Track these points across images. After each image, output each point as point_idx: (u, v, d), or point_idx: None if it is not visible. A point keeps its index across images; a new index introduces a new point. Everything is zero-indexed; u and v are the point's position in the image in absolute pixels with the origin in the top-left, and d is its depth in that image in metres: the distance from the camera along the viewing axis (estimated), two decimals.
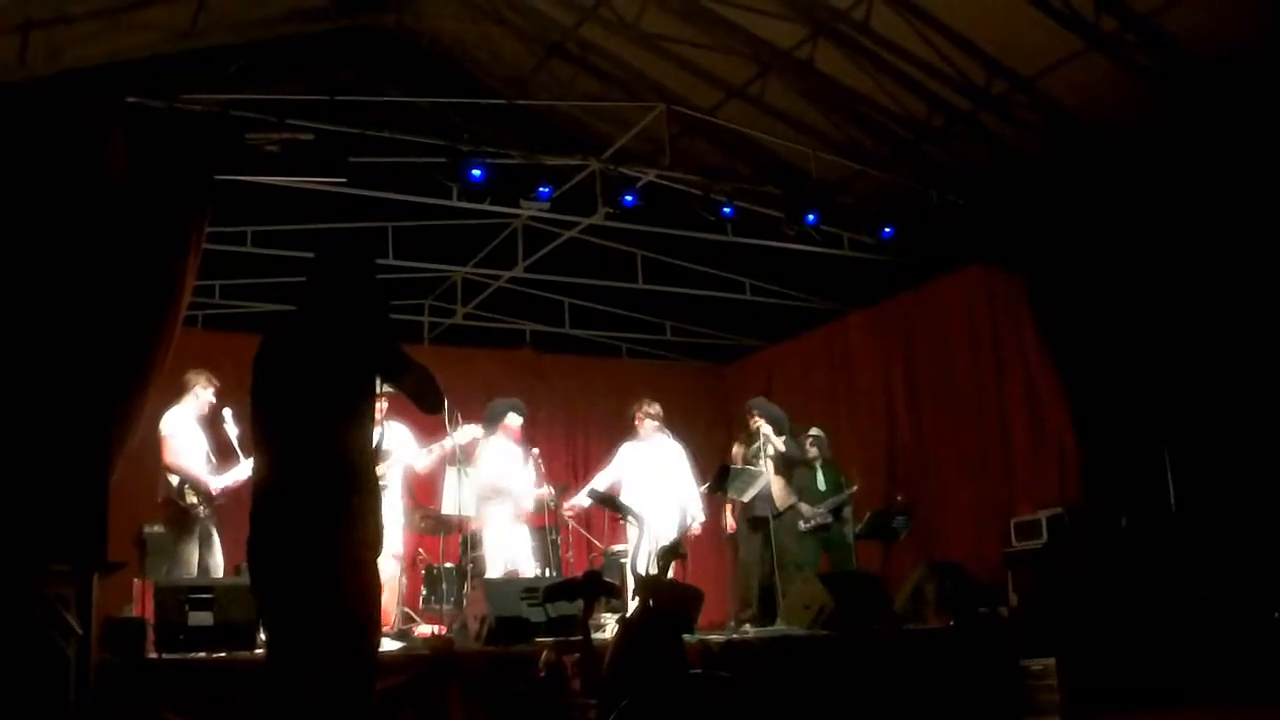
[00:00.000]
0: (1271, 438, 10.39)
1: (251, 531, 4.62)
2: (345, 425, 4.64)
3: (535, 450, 11.34)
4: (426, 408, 4.94)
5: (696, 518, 11.17)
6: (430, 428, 10.19)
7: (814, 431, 12.38)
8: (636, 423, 11.26)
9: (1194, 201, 10.73)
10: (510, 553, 10.69)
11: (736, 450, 11.69)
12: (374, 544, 4.65)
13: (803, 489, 12.17)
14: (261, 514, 4.60)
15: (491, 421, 10.81)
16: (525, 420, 11.22)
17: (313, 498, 4.53)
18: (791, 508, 11.62)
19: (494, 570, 10.50)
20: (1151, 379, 11.15)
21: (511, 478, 10.87)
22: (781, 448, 11.55)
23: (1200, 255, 10.83)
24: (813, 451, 12.28)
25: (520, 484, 10.92)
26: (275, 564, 4.53)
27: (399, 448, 9.98)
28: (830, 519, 11.98)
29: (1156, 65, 10.36)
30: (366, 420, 4.75)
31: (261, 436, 4.75)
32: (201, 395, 9.64)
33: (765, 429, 11.49)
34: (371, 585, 4.65)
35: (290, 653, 4.53)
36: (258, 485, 4.70)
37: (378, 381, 4.86)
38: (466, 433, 10.21)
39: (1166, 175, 10.79)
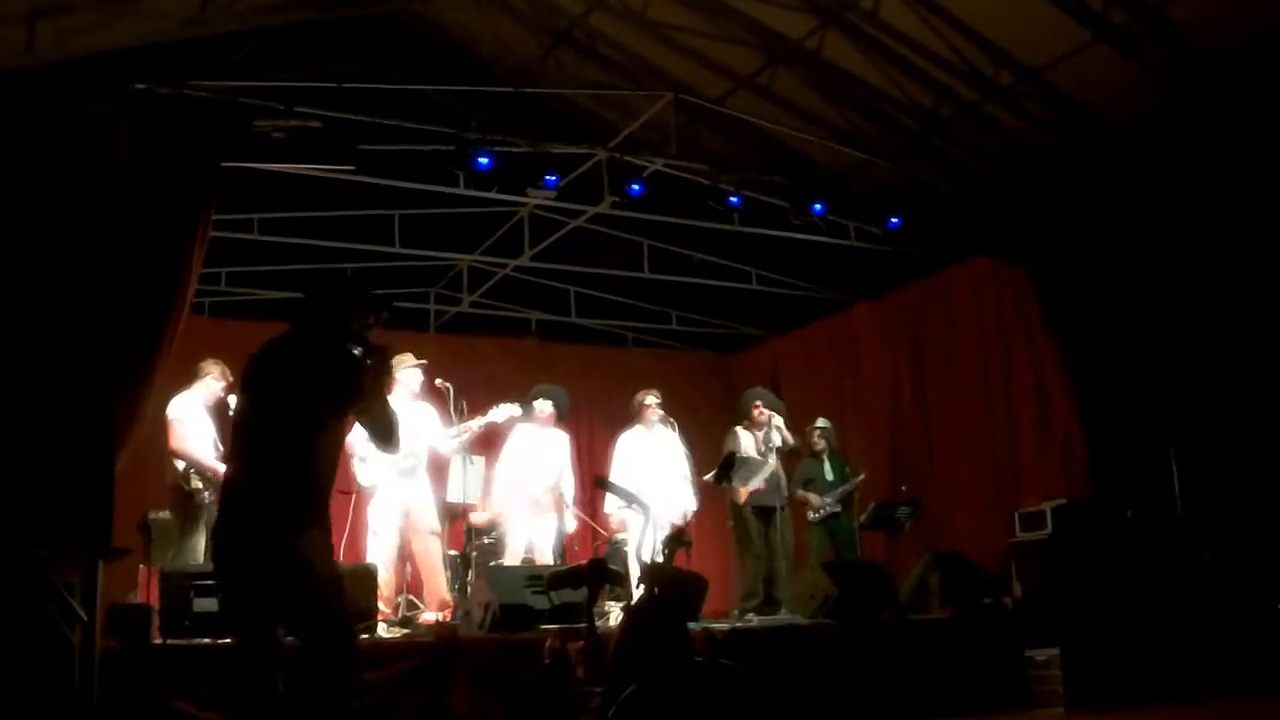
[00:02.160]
0: (1276, 430, 10.38)
1: (216, 528, 4.89)
2: (312, 453, 4.86)
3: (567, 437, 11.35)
4: (380, 444, 5.22)
5: (691, 508, 11.16)
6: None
7: (821, 423, 12.41)
8: (639, 411, 11.26)
9: (1202, 195, 10.70)
10: (530, 541, 10.69)
11: (745, 440, 11.67)
12: (326, 562, 4.89)
13: (811, 480, 12.21)
14: (226, 515, 4.85)
15: (526, 404, 10.76)
16: (560, 413, 11.18)
17: (274, 516, 4.72)
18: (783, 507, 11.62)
19: (511, 558, 10.52)
20: (1157, 372, 11.14)
21: (532, 469, 10.86)
22: (791, 440, 11.56)
23: (1208, 248, 10.81)
24: (820, 443, 12.30)
25: (541, 476, 10.88)
26: (236, 563, 4.77)
27: (424, 430, 9.97)
28: (839, 508, 12.03)
29: (1164, 58, 10.34)
30: (334, 451, 5.01)
31: (237, 445, 4.99)
32: (212, 385, 9.64)
33: (776, 420, 11.51)
34: (337, 587, 4.87)
35: (253, 638, 4.78)
36: (226, 485, 5.01)
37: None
38: (503, 411, 10.23)
39: (1174, 168, 10.77)
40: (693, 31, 11.59)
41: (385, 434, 5.09)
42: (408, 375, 9.94)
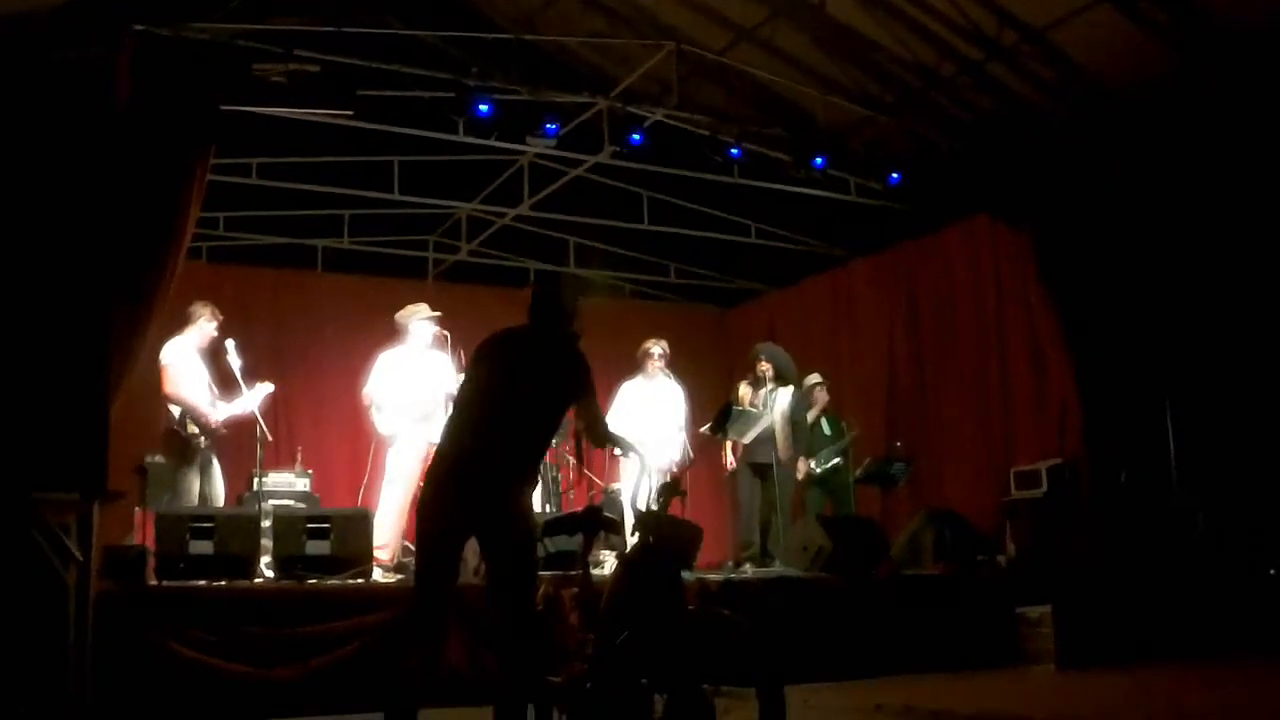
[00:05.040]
0: (1272, 394, 10.39)
1: (442, 485, 5.45)
2: (545, 438, 5.78)
3: None
4: (594, 439, 5.85)
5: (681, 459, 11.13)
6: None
7: (817, 377, 12.39)
8: (642, 359, 11.21)
9: (1201, 158, 10.67)
10: None
11: (743, 391, 11.64)
12: (531, 515, 5.69)
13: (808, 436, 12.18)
14: (460, 476, 5.43)
15: None
16: None
17: (509, 482, 5.48)
18: (790, 459, 11.61)
19: None
20: (1154, 334, 11.13)
21: None
22: (787, 407, 11.49)
23: (1206, 211, 10.79)
24: (823, 397, 12.27)
25: None
26: (463, 517, 5.42)
27: (440, 377, 9.95)
28: (839, 462, 12.04)
29: (1168, 20, 10.28)
30: (553, 435, 6.01)
31: (472, 416, 5.57)
32: (205, 328, 9.60)
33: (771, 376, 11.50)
34: (533, 535, 5.67)
35: (444, 580, 5.50)
36: (457, 450, 5.51)
37: None
38: None
39: (1175, 131, 10.72)
40: None
41: (599, 434, 5.77)
42: (421, 326, 9.94)
